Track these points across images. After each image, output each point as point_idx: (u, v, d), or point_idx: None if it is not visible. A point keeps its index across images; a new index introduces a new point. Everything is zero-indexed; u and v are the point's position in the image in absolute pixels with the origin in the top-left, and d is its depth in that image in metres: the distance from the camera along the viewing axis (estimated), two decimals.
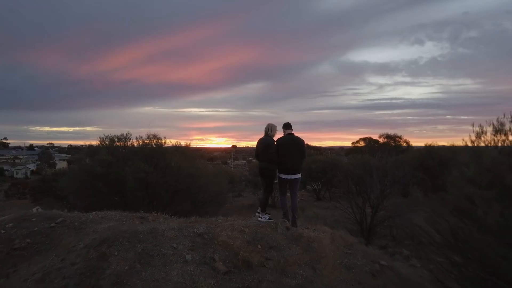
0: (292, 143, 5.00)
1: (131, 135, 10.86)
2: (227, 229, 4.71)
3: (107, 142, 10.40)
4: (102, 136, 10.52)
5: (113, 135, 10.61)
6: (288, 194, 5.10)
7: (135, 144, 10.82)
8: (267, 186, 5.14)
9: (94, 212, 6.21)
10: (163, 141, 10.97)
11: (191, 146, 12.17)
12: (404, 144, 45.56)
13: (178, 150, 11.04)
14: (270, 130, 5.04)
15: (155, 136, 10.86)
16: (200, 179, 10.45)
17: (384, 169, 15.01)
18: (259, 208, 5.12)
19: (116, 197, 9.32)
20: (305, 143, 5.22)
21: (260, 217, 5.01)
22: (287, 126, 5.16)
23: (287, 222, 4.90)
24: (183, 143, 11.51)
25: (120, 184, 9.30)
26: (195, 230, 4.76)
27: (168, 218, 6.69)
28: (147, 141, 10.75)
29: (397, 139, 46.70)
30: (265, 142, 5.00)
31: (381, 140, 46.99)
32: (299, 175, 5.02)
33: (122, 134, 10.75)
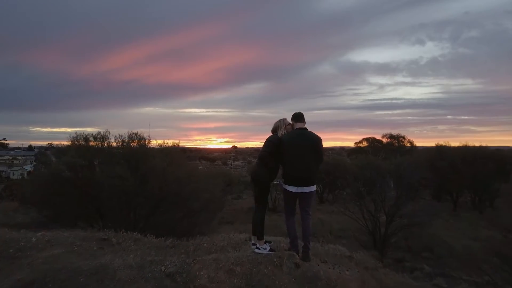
0: (303, 141, 3.44)
1: (109, 134, 9.37)
2: (210, 267, 3.24)
3: (79, 142, 8.90)
4: (74, 134, 9.10)
5: (87, 133, 9.15)
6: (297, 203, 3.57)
7: (114, 144, 9.33)
8: (259, 199, 3.56)
9: (41, 233, 4.77)
10: (147, 141, 9.46)
11: (179, 145, 10.62)
12: (408, 145, 44.61)
13: (163, 151, 9.52)
14: (279, 128, 3.60)
15: (137, 136, 9.34)
16: (189, 184, 8.93)
17: (396, 170, 13.56)
18: (254, 236, 3.57)
19: (89, 206, 7.85)
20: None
21: (257, 248, 3.49)
22: (297, 118, 3.57)
23: (296, 255, 3.37)
24: (170, 143, 10.01)
25: (94, 191, 7.85)
26: (162, 268, 3.29)
27: (141, 239, 5.32)
28: (127, 141, 9.24)
29: (400, 139, 45.72)
30: (267, 139, 3.53)
31: (384, 140, 45.98)
32: (313, 188, 3.46)
33: (99, 133, 9.28)
